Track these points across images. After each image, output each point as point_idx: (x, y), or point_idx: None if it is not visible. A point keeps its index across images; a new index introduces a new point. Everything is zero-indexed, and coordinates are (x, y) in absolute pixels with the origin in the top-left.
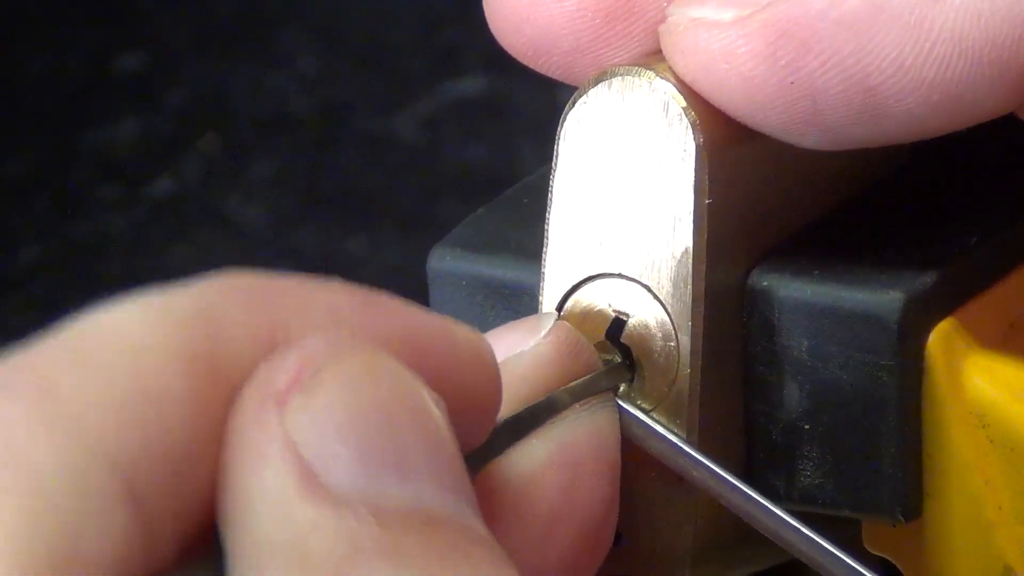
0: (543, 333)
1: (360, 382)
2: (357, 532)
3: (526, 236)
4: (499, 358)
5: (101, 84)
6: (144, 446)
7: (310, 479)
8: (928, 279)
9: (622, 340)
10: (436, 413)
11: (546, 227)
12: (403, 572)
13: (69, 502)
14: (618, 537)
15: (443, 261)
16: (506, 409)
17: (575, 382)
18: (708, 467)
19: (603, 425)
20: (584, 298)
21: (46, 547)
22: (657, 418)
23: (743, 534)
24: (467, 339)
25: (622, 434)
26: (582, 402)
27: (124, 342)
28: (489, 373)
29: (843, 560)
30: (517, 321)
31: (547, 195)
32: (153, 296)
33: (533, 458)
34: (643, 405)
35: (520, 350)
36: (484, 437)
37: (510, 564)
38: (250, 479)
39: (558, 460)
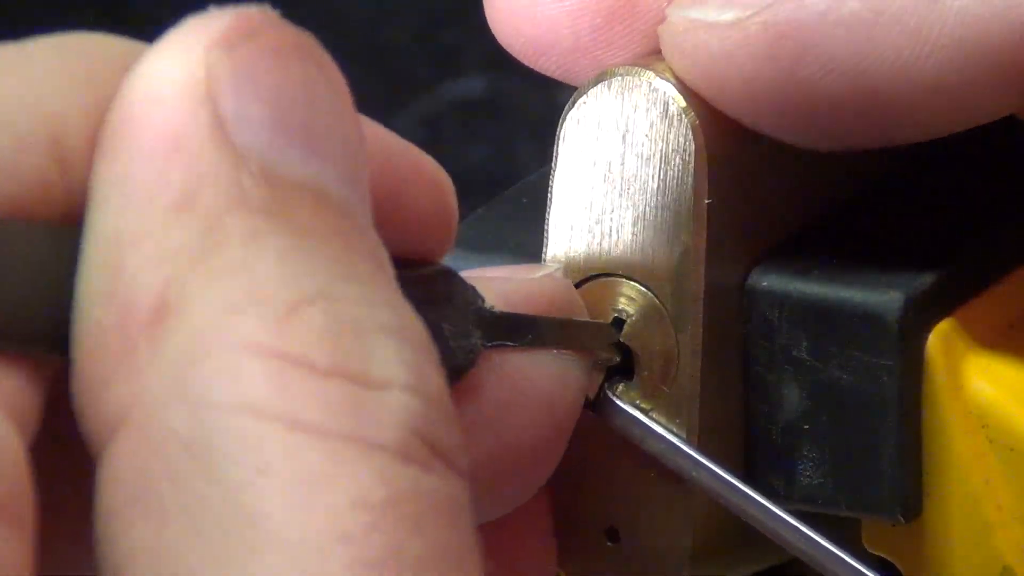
0: (539, 273)
1: (289, 55)
2: (249, 189)
3: (526, 236)
4: (489, 279)
5: None
6: (74, 109)
7: (220, 127)
8: (928, 279)
9: (622, 340)
10: (353, 115)
11: (546, 227)
12: (277, 233)
13: None
14: (616, 536)
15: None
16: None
17: (559, 317)
18: (707, 467)
19: (567, 377)
20: (584, 298)
21: None
22: (657, 418)
23: (742, 534)
24: (430, 163)
25: (622, 434)
26: (560, 350)
27: (70, 41)
28: (446, 199)
29: (842, 559)
30: (519, 265)
31: (547, 195)
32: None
33: (496, 373)
34: (643, 405)
35: (513, 276)
36: (438, 260)
37: (382, 258)
38: (155, 117)
39: (514, 383)
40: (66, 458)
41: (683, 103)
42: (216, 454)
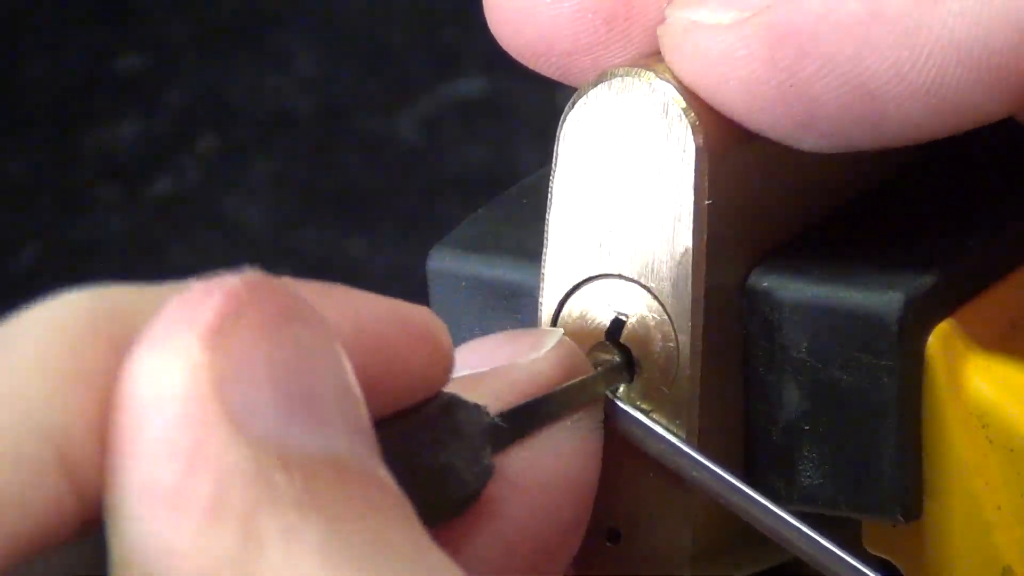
0: (544, 350)
1: (280, 325)
2: (274, 481)
3: (526, 236)
4: (496, 365)
5: (101, 84)
6: (76, 417)
7: (232, 422)
8: (928, 280)
9: (622, 341)
10: (345, 362)
11: (546, 227)
12: (312, 519)
13: (5, 471)
14: (617, 536)
15: (443, 261)
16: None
17: (565, 384)
18: (708, 467)
19: (586, 447)
20: (584, 299)
21: None
22: (657, 418)
23: (743, 534)
24: (417, 316)
25: (622, 434)
26: (572, 418)
27: (51, 325)
28: (439, 351)
29: (843, 559)
30: (522, 331)
31: (547, 195)
32: (80, 290)
33: (513, 469)
34: (643, 406)
35: (519, 361)
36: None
37: (412, 512)
38: (164, 419)
39: (531, 479)
40: None
41: (683, 104)
42: None
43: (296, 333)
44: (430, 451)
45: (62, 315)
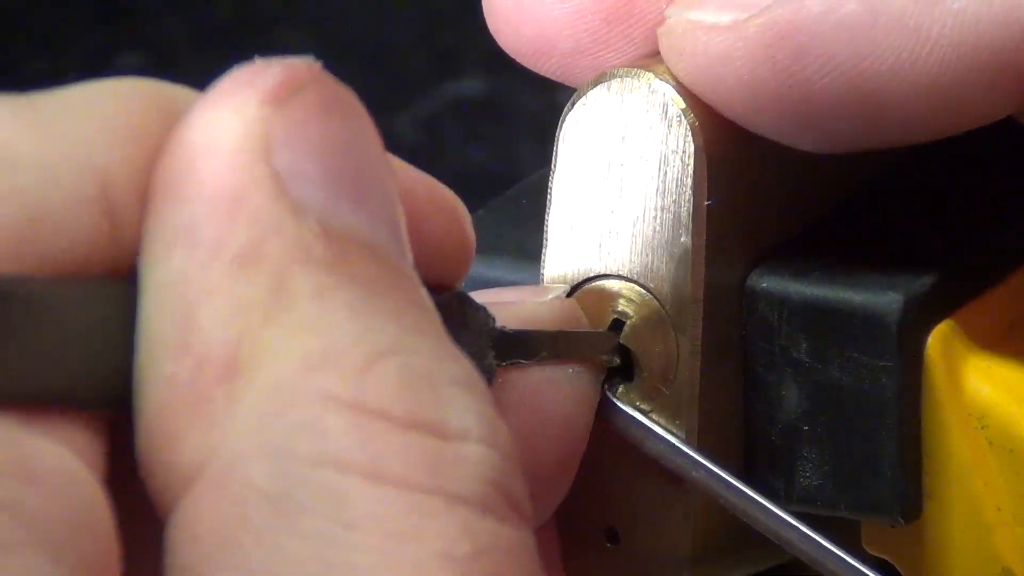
0: (548, 297)
1: (334, 109)
2: (311, 244)
3: (526, 236)
4: (500, 303)
5: None
6: (122, 163)
7: (279, 183)
8: (927, 280)
9: (621, 341)
10: (391, 168)
11: (546, 228)
12: (342, 287)
13: (44, 196)
14: (616, 537)
15: None
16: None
17: (571, 330)
18: (707, 467)
19: (578, 394)
20: (584, 299)
21: (10, 231)
22: (656, 419)
23: (742, 535)
24: (447, 194)
25: (621, 435)
26: (572, 367)
27: (109, 90)
28: (463, 227)
29: (842, 558)
30: (527, 285)
31: (547, 196)
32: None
33: (509, 390)
34: (642, 406)
35: (523, 301)
36: (455, 285)
37: (431, 306)
38: (212, 169)
39: (524, 402)
40: (124, 513)
41: (683, 104)
42: (302, 508)
43: (349, 120)
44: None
45: (121, 85)
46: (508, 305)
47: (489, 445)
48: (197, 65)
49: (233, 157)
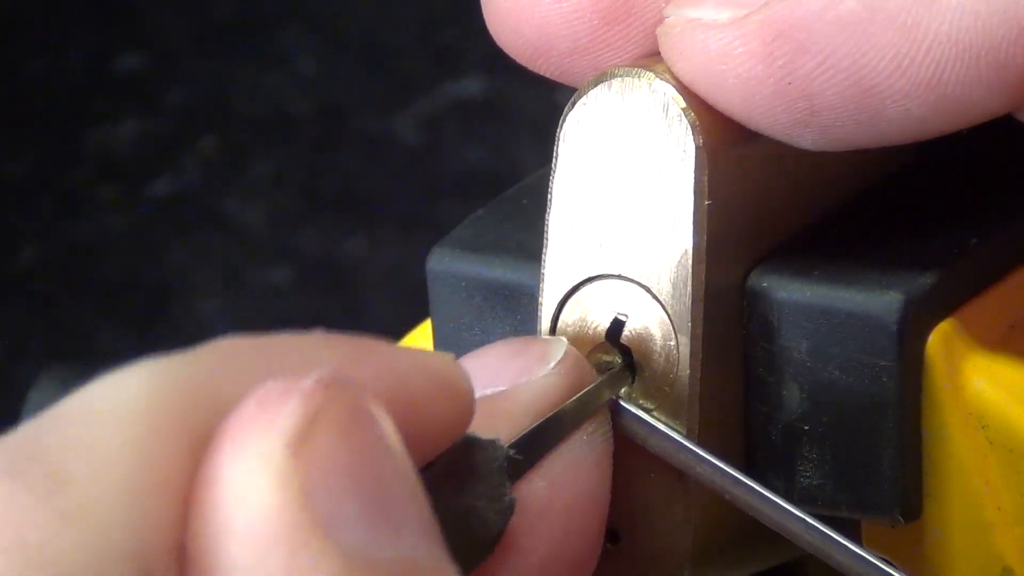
0: (552, 364)
1: (354, 428)
2: None
3: (526, 237)
4: (505, 384)
5: (101, 84)
6: (157, 532)
7: (325, 533)
8: (928, 280)
9: (622, 341)
10: (409, 461)
11: (546, 228)
12: None
13: None
14: (616, 537)
15: (442, 262)
16: (510, 438)
17: (576, 397)
18: (711, 462)
19: (600, 457)
20: (584, 299)
21: None
22: (657, 418)
23: (743, 534)
24: (443, 369)
25: (623, 434)
26: (584, 430)
27: (127, 422)
28: (462, 399)
29: (850, 548)
30: (526, 342)
31: (547, 196)
32: (149, 369)
33: (534, 499)
34: (643, 406)
35: (527, 379)
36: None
37: None
38: (253, 529)
39: (556, 503)
40: None
41: (683, 103)
42: None
43: (368, 436)
44: (454, 497)
45: (127, 407)
46: (513, 395)
47: None
48: (197, 65)
49: (275, 519)
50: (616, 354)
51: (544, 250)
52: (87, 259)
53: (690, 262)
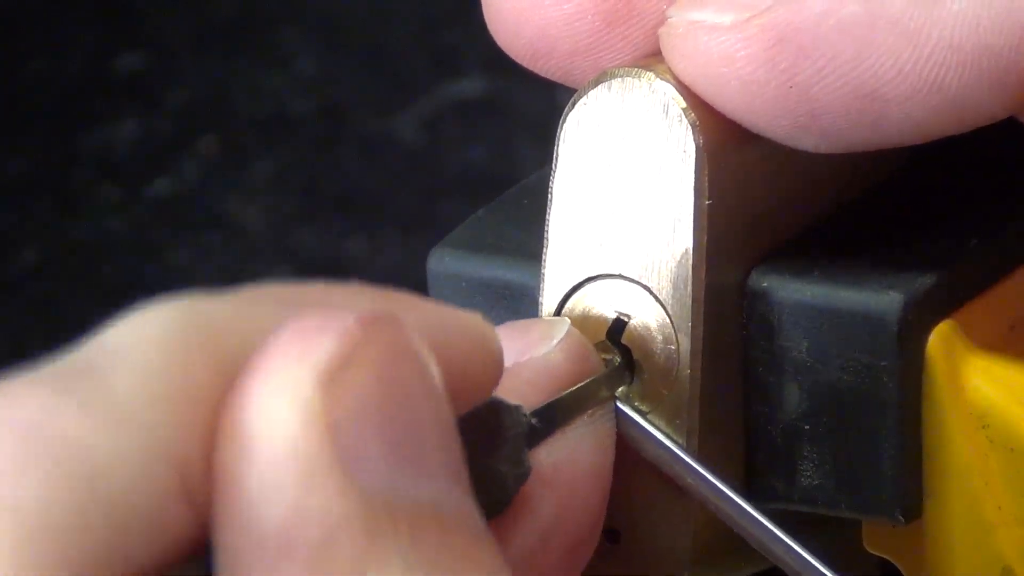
0: (555, 341)
1: (390, 367)
2: (381, 531)
3: (526, 237)
4: (508, 361)
5: (101, 84)
6: (194, 443)
7: (345, 471)
8: (928, 280)
9: (622, 341)
10: (447, 406)
11: (546, 228)
12: (417, 572)
13: (130, 500)
14: (616, 536)
15: (443, 262)
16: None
17: (579, 385)
18: (700, 473)
19: (603, 439)
20: (584, 299)
21: (101, 547)
22: (657, 419)
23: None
24: (475, 327)
25: (621, 436)
26: (588, 412)
27: (166, 345)
28: (494, 359)
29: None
30: (529, 322)
31: (547, 196)
32: (189, 300)
33: (540, 469)
34: (643, 406)
35: (531, 355)
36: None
37: (507, 568)
38: (275, 459)
39: (560, 477)
40: None
41: (683, 104)
42: None
43: (405, 377)
44: (481, 456)
45: (161, 332)
46: (519, 370)
47: None
48: (197, 65)
49: (296, 449)
50: (616, 354)
51: (544, 250)
52: (87, 259)
53: (690, 262)
